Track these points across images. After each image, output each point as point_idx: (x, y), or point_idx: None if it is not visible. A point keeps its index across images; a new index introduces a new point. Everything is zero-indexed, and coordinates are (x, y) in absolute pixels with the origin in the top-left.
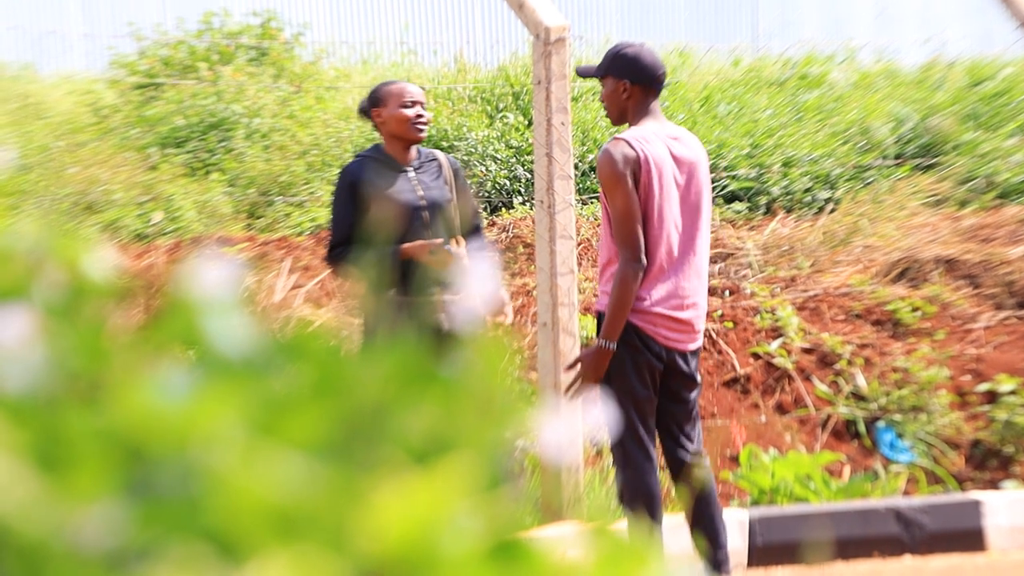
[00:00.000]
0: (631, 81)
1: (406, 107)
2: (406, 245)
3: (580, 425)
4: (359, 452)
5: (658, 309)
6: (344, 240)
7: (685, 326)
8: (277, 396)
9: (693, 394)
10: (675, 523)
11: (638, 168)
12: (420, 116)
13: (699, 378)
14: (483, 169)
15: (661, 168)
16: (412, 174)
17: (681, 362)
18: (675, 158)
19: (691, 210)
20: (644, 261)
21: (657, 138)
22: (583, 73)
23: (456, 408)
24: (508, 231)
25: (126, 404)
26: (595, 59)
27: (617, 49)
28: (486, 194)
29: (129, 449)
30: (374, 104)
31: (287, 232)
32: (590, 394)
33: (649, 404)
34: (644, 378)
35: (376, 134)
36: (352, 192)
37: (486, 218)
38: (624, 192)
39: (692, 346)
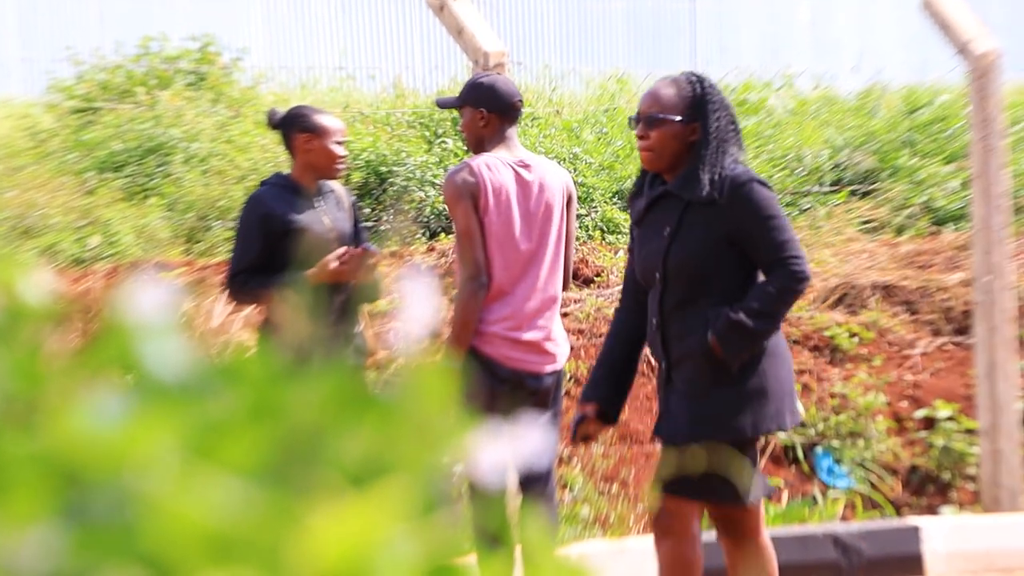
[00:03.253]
0: (487, 110)
1: (337, 144)
2: (312, 270)
3: (516, 451)
4: (295, 476)
5: (496, 330)
6: (246, 269)
7: (531, 347)
8: (213, 420)
9: (547, 415)
10: (615, 548)
11: (477, 192)
12: (344, 156)
13: (560, 398)
14: (422, 195)
15: (500, 194)
16: (321, 204)
17: (533, 384)
18: (521, 184)
19: (536, 235)
20: (484, 280)
21: (503, 164)
22: (443, 104)
23: (393, 432)
24: (447, 257)
25: (62, 428)
26: (534, 85)
27: (473, 80)
28: (425, 219)
29: (65, 474)
30: (304, 129)
31: (225, 257)
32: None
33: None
34: (489, 402)
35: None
36: (262, 221)
37: (425, 243)
38: (462, 215)
39: (549, 368)
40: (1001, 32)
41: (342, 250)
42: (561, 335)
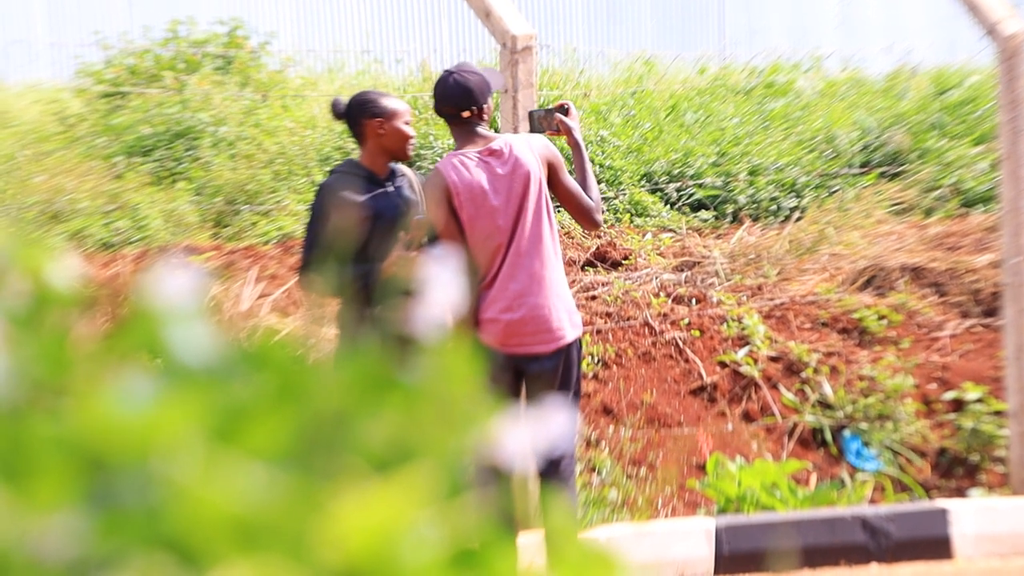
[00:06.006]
0: (436, 113)
1: (408, 125)
2: (387, 264)
3: (532, 435)
4: (320, 461)
5: (487, 315)
6: (319, 260)
7: (521, 327)
8: (238, 405)
9: (561, 396)
10: (642, 531)
11: (448, 193)
12: (414, 136)
13: (571, 379)
14: None
15: (472, 189)
16: (392, 188)
17: (535, 366)
18: (491, 173)
19: (514, 218)
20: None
21: (471, 160)
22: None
23: (418, 416)
24: None
25: (88, 413)
26: (561, 67)
27: None
28: None
29: (91, 458)
30: (375, 114)
31: (253, 241)
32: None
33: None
34: (495, 390)
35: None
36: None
37: None
38: (439, 219)
39: (549, 347)
40: None
41: (407, 253)
42: (563, 312)
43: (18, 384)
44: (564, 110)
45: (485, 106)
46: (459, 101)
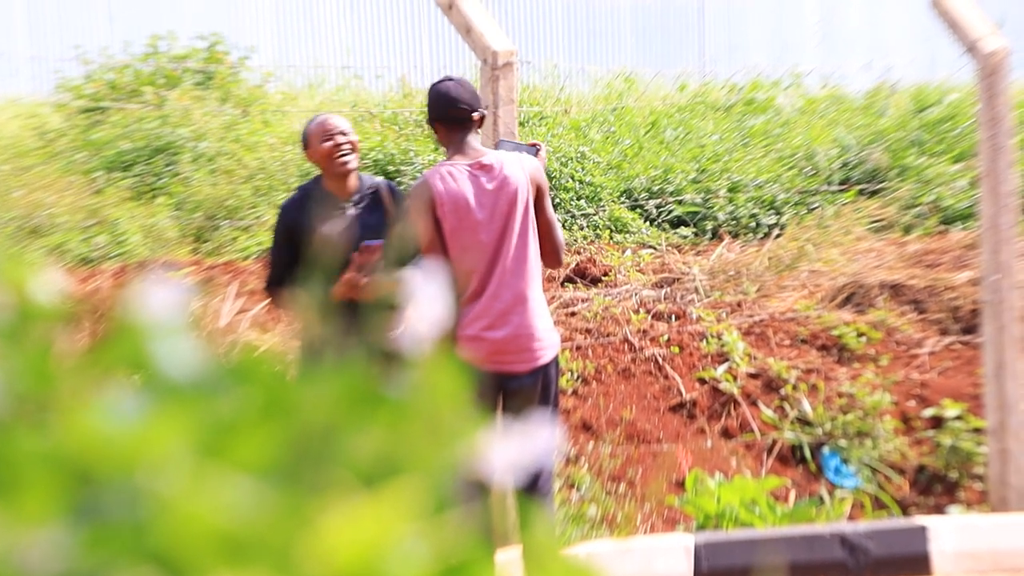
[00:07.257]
0: (431, 120)
1: (327, 141)
2: (336, 287)
3: (525, 449)
4: (307, 475)
5: (469, 332)
6: (278, 281)
7: (504, 346)
8: (224, 419)
9: (540, 413)
10: (621, 547)
11: (433, 204)
12: (339, 146)
13: (550, 396)
14: None
15: (458, 201)
16: (352, 210)
17: (514, 383)
18: (478, 187)
19: (498, 235)
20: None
21: (460, 172)
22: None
23: (404, 431)
24: None
25: (73, 427)
26: (542, 83)
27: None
28: None
29: (76, 473)
30: (304, 145)
31: (233, 256)
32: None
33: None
34: (478, 406)
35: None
36: (288, 230)
37: None
38: (421, 229)
39: (529, 366)
40: (1010, 30)
41: (359, 276)
42: (543, 331)
43: (3, 398)
44: (535, 151)
45: (484, 113)
46: (471, 100)
